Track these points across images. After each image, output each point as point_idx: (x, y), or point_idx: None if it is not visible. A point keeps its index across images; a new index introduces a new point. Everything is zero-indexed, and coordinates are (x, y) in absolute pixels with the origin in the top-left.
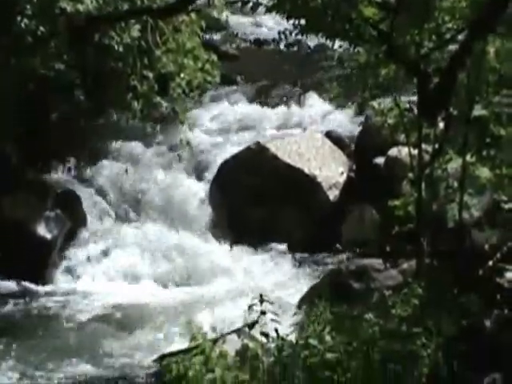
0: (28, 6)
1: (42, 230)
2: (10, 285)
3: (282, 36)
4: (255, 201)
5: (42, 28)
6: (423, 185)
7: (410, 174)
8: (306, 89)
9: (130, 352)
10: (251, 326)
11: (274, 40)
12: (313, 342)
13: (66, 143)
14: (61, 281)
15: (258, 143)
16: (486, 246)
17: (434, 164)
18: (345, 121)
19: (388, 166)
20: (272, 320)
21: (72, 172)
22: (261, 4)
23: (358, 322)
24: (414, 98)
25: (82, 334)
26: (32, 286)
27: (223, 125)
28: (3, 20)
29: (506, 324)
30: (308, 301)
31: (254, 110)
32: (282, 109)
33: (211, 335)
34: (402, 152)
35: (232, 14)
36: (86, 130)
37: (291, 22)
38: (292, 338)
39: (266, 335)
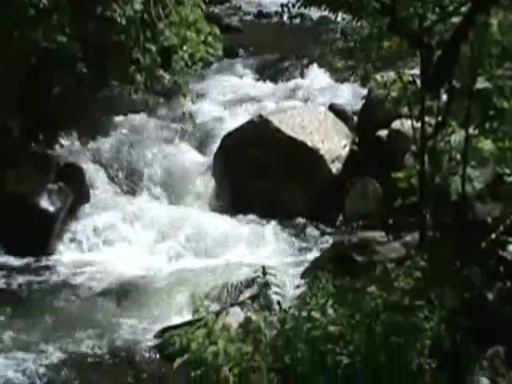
0: None
1: (45, 203)
2: (14, 258)
3: (285, 9)
4: (258, 173)
5: (44, 1)
6: (426, 157)
7: (413, 147)
8: (309, 62)
9: (132, 324)
10: (254, 298)
11: (276, 13)
12: (315, 314)
13: (68, 116)
14: (64, 253)
15: (260, 116)
16: (489, 219)
17: (437, 137)
18: (348, 94)
19: (391, 139)
20: (275, 293)
21: (75, 145)
22: None
23: (360, 295)
24: (417, 71)
25: (84, 307)
26: (35, 259)
27: (226, 98)
28: None
29: (509, 297)
30: (310, 273)
31: (257, 82)
32: (284, 82)
33: (214, 308)
34: (404, 125)
35: None
36: (88, 103)
37: None
38: (295, 310)
39: (268, 308)
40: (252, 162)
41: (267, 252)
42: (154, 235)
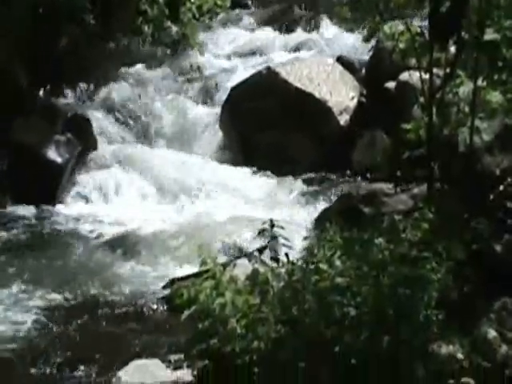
0: None
1: (53, 154)
2: (21, 208)
3: None
4: (265, 125)
5: None
6: (434, 109)
7: (421, 99)
8: (318, 13)
9: (140, 276)
10: (261, 250)
11: None
12: (323, 266)
13: (76, 67)
14: (71, 204)
15: (268, 68)
16: (497, 171)
17: (445, 88)
18: (356, 45)
19: (399, 91)
20: (282, 244)
21: (83, 96)
22: None
23: (368, 247)
24: (426, 23)
25: (92, 258)
26: (43, 210)
27: (234, 49)
28: None
29: None
30: (318, 225)
31: (265, 34)
32: (293, 33)
33: (221, 259)
34: (412, 76)
35: None
36: (96, 54)
37: None
38: (302, 262)
39: (276, 260)
40: (259, 113)
41: (275, 204)
42: (162, 186)
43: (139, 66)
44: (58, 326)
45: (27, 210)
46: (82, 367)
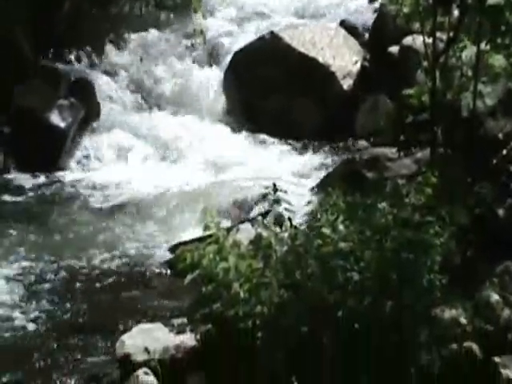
0: None
1: (56, 119)
2: (24, 173)
3: None
4: (268, 90)
5: None
6: (437, 74)
7: (425, 63)
8: None
9: (143, 240)
10: (265, 214)
11: None
12: (326, 231)
13: (79, 32)
14: (75, 169)
15: (271, 32)
16: (500, 135)
17: (449, 53)
18: (359, 9)
19: (402, 55)
20: (285, 209)
21: (85, 61)
22: None
23: (371, 211)
24: None
25: (95, 223)
26: (46, 175)
27: (237, 14)
28: None
29: None
30: (321, 190)
31: None
32: None
33: (225, 224)
34: (416, 41)
35: None
36: (99, 18)
37: None
38: (305, 227)
39: (279, 224)
40: (263, 78)
41: (278, 169)
42: (165, 150)
43: (142, 31)
44: (60, 290)
45: (30, 176)
46: (85, 331)
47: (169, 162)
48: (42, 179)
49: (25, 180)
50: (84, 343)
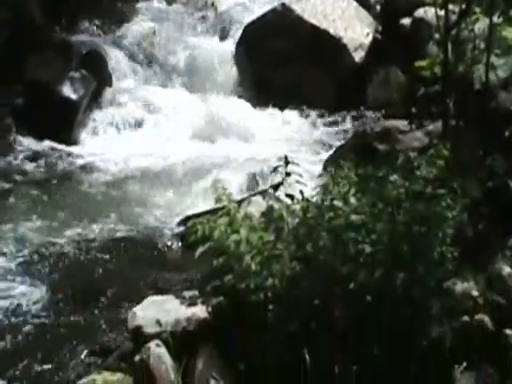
0: None
1: (68, 91)
2: (36, 145)
3: None
4: (280, 63)
5: None
6: (449, 46)
7: (437, 35)
8: None
9: (154, 213)
10: (276, 187)
11: None
12: (338, 203)
13: (91, 3)
14: (86, 141)
15: (283, 4)
16: None
17: (461, 25)
18: None
19: (414, 27)
20: (297, 182)
21: (97, 33)
22: None
23: (382, 184)
24: None
25: (106, 194)
26: (58, 147)
27: None
28: None
29: None
30: (333, 163)
31: None
32: None
33: (236, 196)
34: (428, 13)
35: None
36: None
37: None
38: (317, 199)
39: (290, 197)
40: (274, 51)
41: (290, 141)
42: (176, 124)
43: (155, 2)
44: (70, 262)
45: (42, 147)
46: (96, 303)
47: (180, 134)
48: (53, 150)
49: (36, 151)
50: (95, 315)
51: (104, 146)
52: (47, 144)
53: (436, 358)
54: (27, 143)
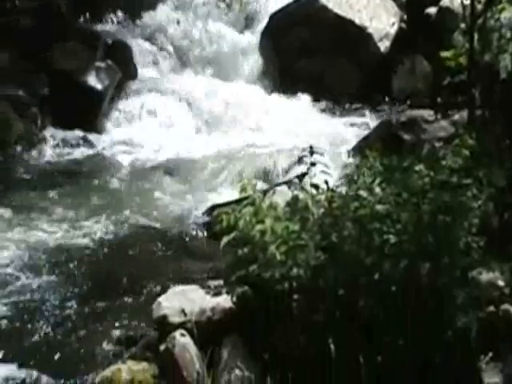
0: None
1: (93, 81)
2: (62, 134)
3: None
4: (305, 53)
5: None
6: (475, 35)
7: (463, 25)
8: None
9: (180, 203)
10: (301, 177)
11: None
12: (363, 193)
13: None
14: (112, 131)
15: None
16: None
17: (487, 14)
18: None
19: (440, 17)
20: (322, 171)
21: (122, 22)
22: None
23: (408, 174)
24: None
25: (131, 183)
26: (83, 136)
27: None
28: None
29: None
30: (358, 152)
31: None
32: None
33: (261, 186)
34: (454, 2)
35: None
36: None
37: None
38: (342, 189)
39: (316, 186)
40: (299, 41)
41: (315, 131)
42: (202, 113)
43: None
44: (96, 251)
45: (67, 137)
46: (121, 293)
47: (205, 124)
48: (78, 140)
49: (62, 140)
50: (120, 304)
51: (129, 135)
52: (72, 134)
53: (461, 349)
54: (53, 132)
